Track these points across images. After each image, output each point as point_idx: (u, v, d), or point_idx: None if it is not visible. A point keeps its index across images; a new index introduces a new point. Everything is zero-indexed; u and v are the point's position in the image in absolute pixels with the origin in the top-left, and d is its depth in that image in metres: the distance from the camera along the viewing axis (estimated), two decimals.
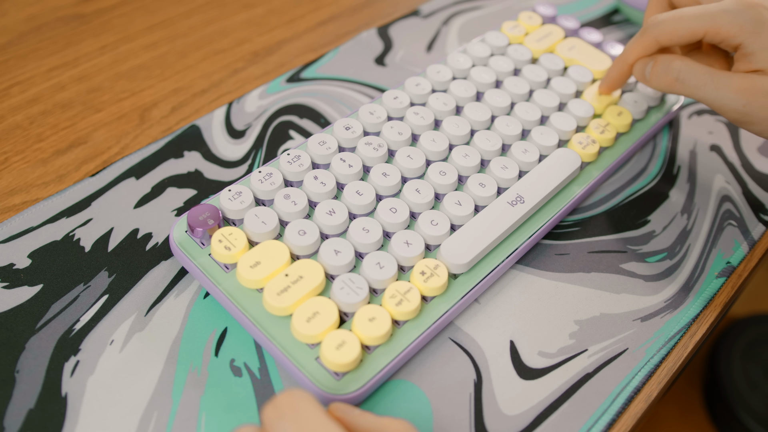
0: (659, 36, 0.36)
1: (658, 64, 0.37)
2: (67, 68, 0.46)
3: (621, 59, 0.39)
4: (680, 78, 0.36)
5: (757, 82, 0.34)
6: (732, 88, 0.34)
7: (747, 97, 0.34)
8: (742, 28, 0.34)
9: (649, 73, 0.37)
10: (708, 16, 0.34)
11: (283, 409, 0.23)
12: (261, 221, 0.33)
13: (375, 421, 0.25)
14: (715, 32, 0.34)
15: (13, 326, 0.31)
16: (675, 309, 0.35)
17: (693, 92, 0.36)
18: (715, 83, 0.35)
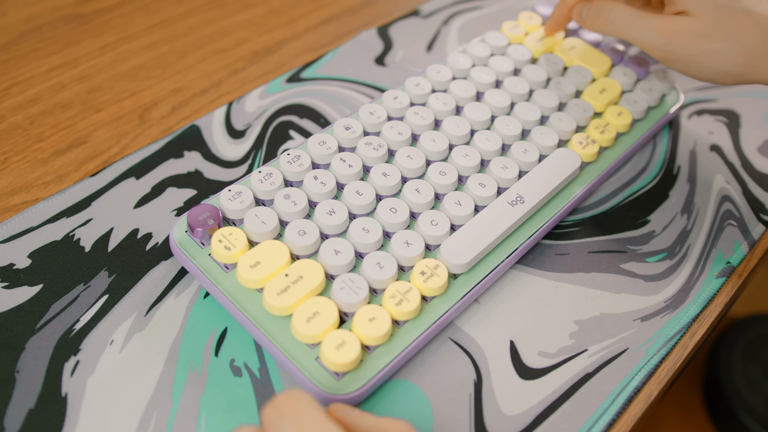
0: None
1: (592, 7, 0.40)
2: (67, 68, 0.46)
3: (562, 2, 0.43)
4: (610, 18, 0.39)
5: (678, 22, 0.36)
6: (654, 28, 0.37)
7: (668, 36, 0.36)
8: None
9: (585, 16, 0.41)
10: None
11: (283, 410, 0.23)
12: (261, 221, 0.33)
13: (374, 421, 0.25)
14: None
15: (13, 326, 0.31)
16: (675, 309, 0.35)
17: (621, 32, 0.39)
18: (640, 24, 0.37)
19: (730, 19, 0.35)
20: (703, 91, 0.48)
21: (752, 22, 0.35)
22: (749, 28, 0.35)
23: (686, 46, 0.36)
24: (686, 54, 0.36)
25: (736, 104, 0.48)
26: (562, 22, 0.44)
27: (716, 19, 0.35)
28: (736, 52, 0.35)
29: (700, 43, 0.36)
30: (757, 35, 0.35)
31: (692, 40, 0.36)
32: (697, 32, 0.36)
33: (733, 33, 0.35)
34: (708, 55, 0.36)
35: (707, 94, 0.48)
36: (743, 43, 0.35)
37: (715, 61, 0.36)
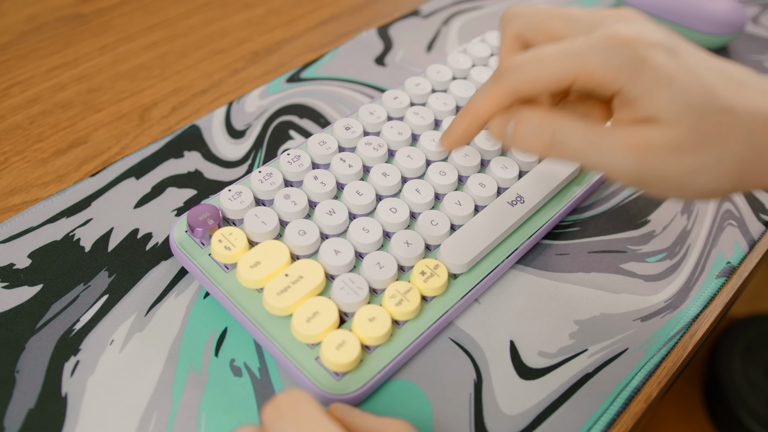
0: (518, 85, 0.27)
1: (523, 123, 0.28)
2: (67, 68, 0.46)
3: (471, 112, 0.29)
4: (556, 141, 0.27)
5: (648, 135, 0.26)
6: (619, 147, 0.26)
7: (638, 156, 0.26)
8: (618, 71, 0.26)
9: (513, 134, 0.28)
10: (576, 57, 0.26)
11: (283, 410, 0.23)
12: (261, 221, 0.33)
13: (374, 421, 0.25)
14: (588, 77, 0.27)
15: (13, 326, 0.31)
16: (675, 309, 0.35)
17: (572, 156, 0.28)
18: (598, 144, 0.27)
19: (711, 122, 0.26)
20: None
21: (737, 122, 0.26)
22: (735, 131, 0.26)
23: (664, 167, 0.26)
24: (665, 175, 0.27)
25: None
26: (470, 136, 0.30)
27: (695, 125, 0.26)
28: (725, 164, 0.26)
29: (680, 161, 0.26)
30: (745, 138, 0.26)
31: (670, 157, 0.26)
32: (674, 146, 0.26)
33: (717, 140, 0.26)
34: (692, 174, 0.26)
35: None
36: (731, 151, 0.26)
37: (702, 179, 0.27)
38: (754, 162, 0.27)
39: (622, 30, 0.27)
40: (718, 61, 0.28)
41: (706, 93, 0.26)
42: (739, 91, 0.27)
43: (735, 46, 0.53)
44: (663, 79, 0.26)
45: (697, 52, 0.28)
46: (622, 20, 0.29)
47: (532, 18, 0.30)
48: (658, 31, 0.28)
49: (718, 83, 0.26)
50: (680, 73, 0.26)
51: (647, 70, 0.26)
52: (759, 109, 0.26)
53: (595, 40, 0.27)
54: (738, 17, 0.50)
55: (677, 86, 0.26)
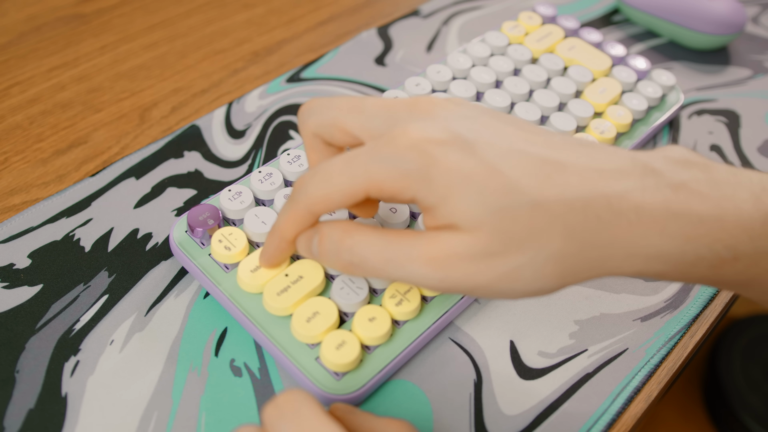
0: (311, 206, 0.26)
1: (324, 242, 0.26)
2: (67, 68, 0.46)
3: (277, 234, 0.28)
4: (353, 261, 0.26)
5: (448, 245, 0.24)
6: (419, 261, 0.24)
7: (441, 269, 0.24)
8: (407, 180, 0.24)
9: (318, 252, 0.27)
10: (361, 170, 0.24)
11: (284, 409, 0.23)
12: (261, 221, 0.33)
13: (375, 421, 0.25)
14: (378, 189, 0.24)
15: (13, 326, 0.31)
16: (675, 309, 0.35)
17: (375, 274, 0.25)
18: (397, 261, 0.24)
19: (518, 221, 0.23)
20: (703, 91, 0.49)
21: (550, 217, 0.23)
22: (547, 227, 0.23)
23: (471, 276, 0.24)
24: (475, 284, 0.24)
25: (736, 104, 0.48)
26: (283, 256, 0.29)
27: (499, 228, 0.23)
28: (540, 264, 0.24)
29: (488, 267, 0.24)
30: (560, 233, 0.23)
31: (476, 265, 0.24)
32: (478, 253, 0.23)
33: (528, 240, 0.23)
34: (505, 278, 0.24)
35: (707, 94, 0.48)
36: (546, 250, 0.23)
37: (518, 283, 0.24)
38: (575, 255, 0.24)
39: (410, 131, 0.24)
40: (534, 142, 0.25)
41: (508, 190, 0.23)
42: (552, 177, 0.24)
43: (735, 46, 0.53)
44: (456, 183, 0.23)
45: (507, 134, 0.25)
46: (415, 115, 0.25)
47: (326, 115, 0.27)
48: (456, 120, 0.25)
49: (525, 174, 0.23)
50: (476, 171, 0.23)
51: (437, 175, 0.23)
52: (575, 196, 0.23)
53: (378, 148, 0.24)
54: (738, 17, 0.50)
55: (473, 188, 0.23)
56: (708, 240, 0.24)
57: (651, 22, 0.52)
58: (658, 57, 0.51)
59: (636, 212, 0.24)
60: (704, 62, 0.51)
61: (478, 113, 0.26)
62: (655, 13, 0.52)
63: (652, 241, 0.24)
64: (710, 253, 0.24)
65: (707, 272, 0.25)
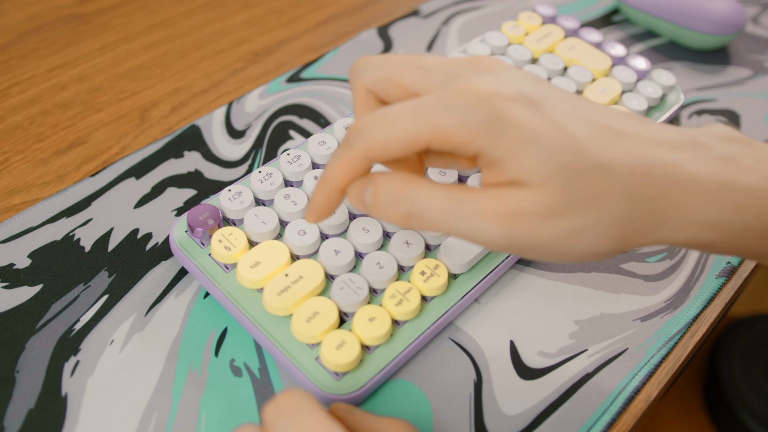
0: (368, 151, 0.25)
1: (380, 192, 0.25)
2: (67, 68, 0.46)
3: (326, 182, 0.26)
4: (413, 212, 0.25)
5: (515, 201, 0.23)
6: (484, 216, 0.24)
7: (506, 224, 0.23)
8: (475, 132, 0.23)
9: (371, 203, 0.26)
10: (427, 117, 0.23)
11: (284, 409, 0.23)
12: (261, 221, 0.33)
13: (375, 421, 0.25)
14: (442, 139, 0.24)
15: (13, 326, 0.31)
16: (675, 309, 0.35)
17: (434, 227, 0.25)
18: (461, 213, 0.24)
19: (583, 181, 0.23)
20: (703, 91, 0.48)
21: (612, 179, 0.24)
22: (612, 190, 0.23)
23: (536, 233, 0.24)
24: (537, 243, 0.24)
25: (736, 104, 0.48)
26: (331, 207, 0.27)
27: (567, 187, 0.23)
28: (603, 226, 0.24)
29: (553, 225, 0.23)
30: (623, 196, 0.24)
31: (542, 222, 0.23)
32: (545, 210, 0.23)
33: (592, 200, 0.23)
34: (568, 239, 0.24)
35: (707, 94, 0.48)
36: (610, 212, 0.24)
37: (579, 244, 0.24)
38: (635, 220, 0.24)
39: (477, 84, 0.24)
40: (591, 108, 0.25)
41: (575, 150, 0.23)
42: (614, 143, 0.24)
43: (735, 46, 0.53)
44: (526, 138, 0.23)
45: (567, 99, 0.25)
46: (480, 71, 0.25)
47: (382, 70, 0.27)
48: (520, 81, 0.25)
49: (589, 137, 0.24)
50: (545, 129, 0.23)
51: (507, 129, 0.23)
52: (635, 161, 0.24)
53: (447, 97, 0.24)
54: (738, 17, 0.50)
55: (542, 145, 0.23)
56: (758, 210, 0.25)
57: (651, 22, 0.52)
58: (658, 57, 0.51)
59: (690, 180, 0.24)
60: (704, 62, 0.51)
61: (537, 78, 0.26)
62: (655, 13, 0.52)
63: (704, 209, 0.24)
64: (759, 224, 0.25)
65: (754, 242, 0.26)
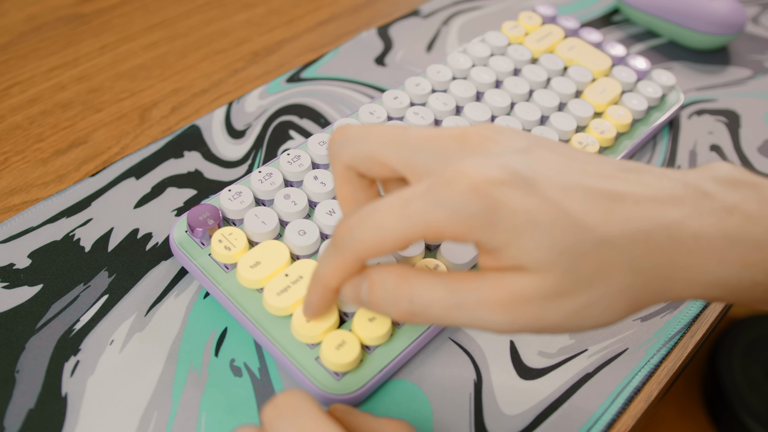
0: (360, 253, 0.24)
1: (376, 290, 0.25)
2: (67, 68, 0.46)
3: (320, 283, 0.26)
4: (414, 311, 0.24)
5: (516, 287, 0.23)
6: (487, 306, 0.23)
7: (510, 312, 0.23)
8: (470, 225, 0.22)
9: (368, 300, 0.25)
10: (417, 215, 0.23)
11: (283, 410, 0.23)
12: (261, 221, 0.33)
13: (374, 421, 0.25)
14: (437, 234, 0.23)
15: (13, 326, 0.31)
16: (675, 309, 0.35)
17: (438, 321, 0.24)
18: (464, 306, 0.23)
19: (588, 260, 0.23)
20: (703, 91, 0.49)
21: (616, 253, 0.23)
22: (615, 263, 0.23)
23: (541, 317, 0.23)
24: (545, 325, 0.23)
25: (736, 104, 0.48)
26: (327, 306, 0.28)
27: (569, 268, 0.23)
28: (609, 299, 0.23)
29: (558, 307, 0.23)
30: (627, 268, 0.23)
31: (546, 306, 0.23)
32: (549, 294, 0.23)
33: (597, 277, 0.23)
34: (575, 316, 0.23)
35: (707, 94, 0.48)
36: (615, 285, 0.23)
37: (588, 319, 0.24)
38: (642, 288, 0.24)
39: (467, 170, 0.23)
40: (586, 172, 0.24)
41: (575, 229, 0.23)
42: (613, 211, 0.23)
43: (735, 46, 0.53)
44: (523, 225, 0.22)
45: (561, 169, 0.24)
46: (467, 151, 0.24)
47: (363, 146, 0.25)
48: (511, 156, 0.24)
49: (588, 211, 0.23)
50: (542, 211, 0.22)
51: (503, 217, 0.22)
52: (637, 228, 0.23)
53: (436, 191, 0.23)
54: (738, 17, 0.50)
55: (541, 229, 0.22)
56: (765, 265, 0.24)
57: (651, 22, 0.52)
58: (658, 57, 0.51)
59: (695, 240, 0.24)
60: (704, 62, 0.51)
61: (528, 144, 0.25)
62: (655, 13, 0.52)
63: (710, 269, 0.24)
64: (766, 278, 0.24)
65: (763, 295, 0.25)
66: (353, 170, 0.26)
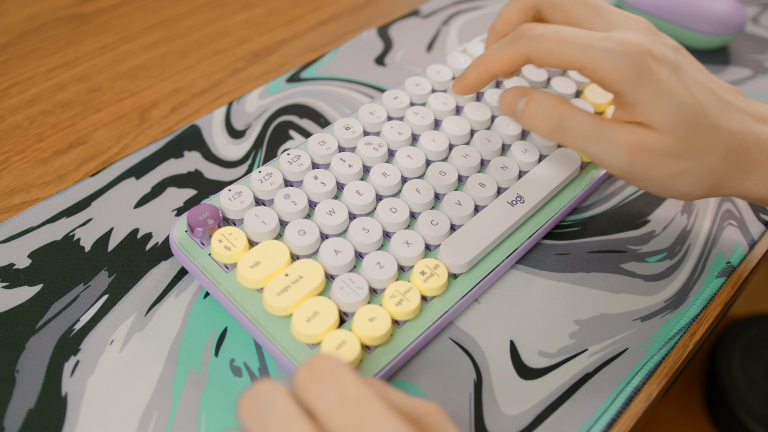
0: (531, 52, 0.31)
1: (534, 103, 0.31)
2: (67, 68, 0.46)
3: (483, 63, 0.32)
4: (562, 126, 0.31)
5: (644, 137, 0.30)
6: (618, 143, 0.30)
7: (633, 155, 0.30)
8: (624, 76, 0.29)
9: (522, 112, 0.32)
10: (591, 51, 0.29)
11: (321, 371, 0.22)
12: (261, 221, 0.33)
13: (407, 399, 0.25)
14: (594, 71, 0.30)
15: (13, 326, 0.31)
16: (675, 309, 0.35)
17: (574, 142, 0.31)
18: (600, 137, 0.30)
19: (698, 136, 0.30)
20: None
21: (719, 138, 0.30)
22: (716, 146, 0.30)
23: (652, 167, 0.30)
24: (650, 175, 0.31)
25: None
26: (479, 86, 0.34)
27: (685, 137, 0.30)
28: (702, 173, 0.31)
29: (666, 164, 0.30)
30: (722, 153, 0.31)
31: (659, 160, 0.30)
32: (664, 151, 0.30)
33: (700, 152, 0.30)
34: (674, 177, 0.31)
35: None
36: (709, 163, 0.31)
37: (681, 184, 0.31)
38: (726, 174, 0.31)
39: (636, 38, 0.30)
40: (714, 81, 0.32)
41: (698, 111, 0.30)
42: (725, 112, 0.31)
43: (735, 46, 0.53)
44: (663, 92, 0.29)
45: (697, 70, 0.32)
46: (638, 28, 0.31)
47: None
48: (667, 46, 0.31)
49: (709, 103, 0.31)
50: (679, 89, 0.30)
51: (650, 81, 0.29)
52: (737, 130, 0.31)
53: (611, 42, 0.29)
54: (738, 17, 0.50)
55: (674, 100, 0.29)
56: None
57: (651, 22, 0.52)
58: None
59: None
60: (704, 62, 0.51)
61: (677, 46, 0.32)
62: (655, 13, 0.52)
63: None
64: None
65: None
66: (534, 10, 0.34)
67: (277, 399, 0.22)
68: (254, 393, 0.23)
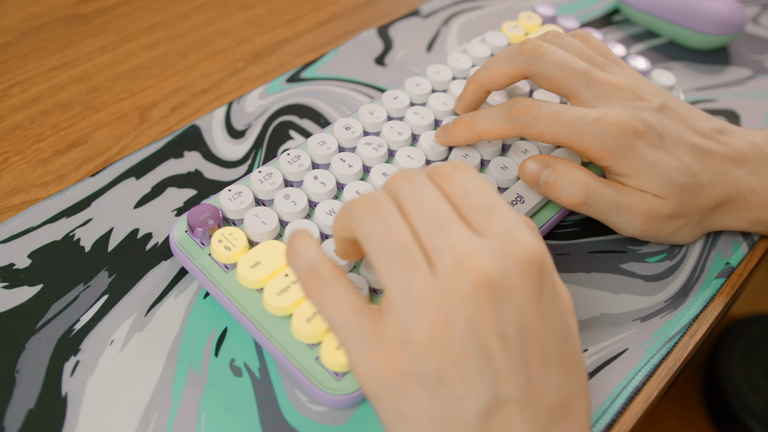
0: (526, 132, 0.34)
1: (561, 176, 0.33)
2: (67, 68, 0.46)
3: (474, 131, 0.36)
4: (588, 202, 0.33)
5: (653, 205, 0.33)
6: (636, 214, 0.33)
7: (647, 222, 0.34)
8: (610, 154, 0.33)
9: (547, 184, 0.34)
10: (581, 135, 0.33)
11: (409, 172, 0.26)
12: (261, 221, 0.33)
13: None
14: (583, 150, 0.33)
15: (13, 326, 0.31)
16: (675, 309, 0.35)
17: (597, 214, 0.34)
18: (620, 209, 0.33)
19: (690, 195, 0.34)
20: (703, 91, 0.48)
21: (705, 194, 0.34)
22: (704, 201, 0.34)
23: (659, 229, 0.34)
24: (656, 236, 0.35)
25: (736, 104, 0.48)
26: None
27: (681, 198, 0.34)
28: (695, 224, 0.35)
29: (670, 224, 0.34)
30: (710, 205, 0.35)
31: (665, 222, 0.34)
32: (668, 215, 0.34)
33: (693, 209, 0.34)
34: (674, 233, 0.35)
35: (707, 94, 0.48)
36: (700, 215, 0.35)
37: (678, 237, 0.36)
38: (713, 219, 0.36)
39: (621, 118, 0.32)
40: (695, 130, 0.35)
41: (686, 171, 0.33)
42: (707, 164, 0.34)
43: (735, 46, 0.53)
44: (647, 164, 0.33)
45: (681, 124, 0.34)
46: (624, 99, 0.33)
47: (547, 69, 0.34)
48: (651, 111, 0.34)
49: (693, 161, 0.34)
50: (662, 157, 0.33)
51: (633, 156, 0.33)
52: (719, 181, 0.34)
53: (598, 126, 0.32)
54: (738, 17, 0.50)
55: (661, 168, 0.33)
56: None
57: (651, 22, 0.52)
58: (658, 57, 0.51)
59: (750, 192, 0.35)
60: (704, 62, 0.51)
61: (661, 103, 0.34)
62: (655, 13, 0.52)
63: (755, 213, 0.36)
64: None
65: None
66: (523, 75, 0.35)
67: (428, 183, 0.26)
68: (408, 173, 0.26)
